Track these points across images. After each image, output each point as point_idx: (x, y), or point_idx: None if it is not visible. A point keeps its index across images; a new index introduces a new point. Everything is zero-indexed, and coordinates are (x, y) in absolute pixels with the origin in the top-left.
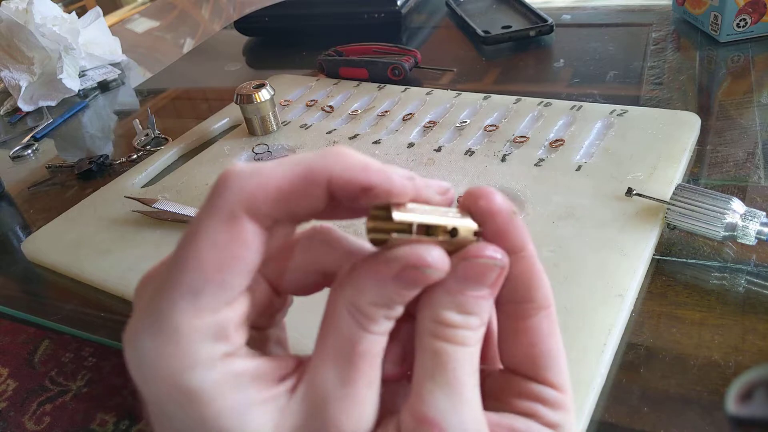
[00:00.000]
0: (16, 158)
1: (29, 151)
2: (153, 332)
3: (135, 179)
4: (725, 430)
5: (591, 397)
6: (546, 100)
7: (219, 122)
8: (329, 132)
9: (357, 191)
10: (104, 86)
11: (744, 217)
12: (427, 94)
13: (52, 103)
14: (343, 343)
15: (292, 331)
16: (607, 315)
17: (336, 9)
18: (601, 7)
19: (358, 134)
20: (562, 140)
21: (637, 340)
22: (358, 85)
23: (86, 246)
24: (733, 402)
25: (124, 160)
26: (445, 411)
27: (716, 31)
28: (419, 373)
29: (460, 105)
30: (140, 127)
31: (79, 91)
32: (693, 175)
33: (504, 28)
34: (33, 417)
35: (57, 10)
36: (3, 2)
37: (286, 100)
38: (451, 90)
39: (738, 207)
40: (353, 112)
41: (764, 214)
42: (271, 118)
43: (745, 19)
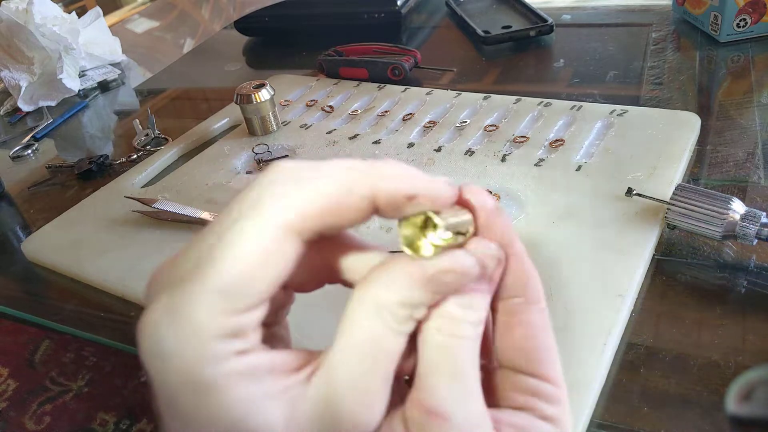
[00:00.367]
0: (16, 158)
1: (29, 151)
2: (174, 324)
3: (135, 179)
4: (725, 430)
5: (591, 397)
6: (546, 100)
7: (219, 122)
8: (329, 132)
9: (402, 201)
10: (104, 86)
11: (744, 218)
12: (427, 94)
13: (52, 103)
14: (367, 340)
15: (292, 331)
16: (607, 315)
17: (336, 9)
18: (601, 7)
19: (358, 134)
20: (562, 140)
21: (637, 340)
22: (358, 85)
23: (86, 246)
24: (733, 402)
25: (124, 160)
26: (452, 402)
27: (716, 31)
28: (423, 366)
29: (460, 105)
30: (140, 127)
31: (79, 91)
32: (693, 175)
33: (504, 28)
34: (33, 417)
35: (57, 10)
36: (3, 2)
37: (286, 100)
38: (451, 90)
39: (738, 207)
40: (353, 112)
41: (764, 214)
42: (271, 118)
43: (745, 19)
